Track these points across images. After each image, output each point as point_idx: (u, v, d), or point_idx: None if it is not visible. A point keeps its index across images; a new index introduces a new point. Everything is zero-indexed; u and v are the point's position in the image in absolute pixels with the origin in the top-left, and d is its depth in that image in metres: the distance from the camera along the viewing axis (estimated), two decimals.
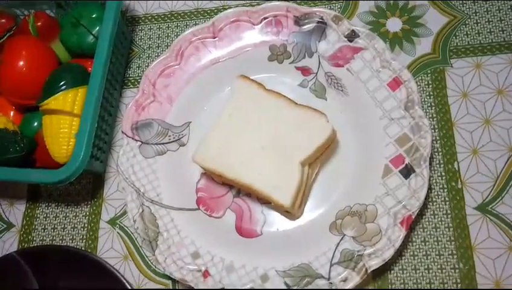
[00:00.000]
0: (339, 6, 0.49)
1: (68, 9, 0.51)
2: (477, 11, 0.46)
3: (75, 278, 0.43)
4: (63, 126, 0.43)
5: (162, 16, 0.53)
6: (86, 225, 0.47)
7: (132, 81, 0.51)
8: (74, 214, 0.48)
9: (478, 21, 0.46)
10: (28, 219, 0.49)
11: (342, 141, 0.42)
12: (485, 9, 0.46)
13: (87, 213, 0.47)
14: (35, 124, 0.47)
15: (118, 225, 0.46)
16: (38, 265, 0.44)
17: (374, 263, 0.37)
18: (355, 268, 0.37)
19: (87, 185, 0.48)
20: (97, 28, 0.47)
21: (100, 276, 0.42)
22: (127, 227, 0.46)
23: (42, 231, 0.48)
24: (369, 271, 0.37)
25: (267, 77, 0.46)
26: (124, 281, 0.42)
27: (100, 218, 0.47)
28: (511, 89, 0.43)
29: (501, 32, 0.45)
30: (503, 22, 0.45)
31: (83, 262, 0.43)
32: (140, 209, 0.43)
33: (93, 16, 0.48)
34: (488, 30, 0.45)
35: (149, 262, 0.44)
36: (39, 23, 0.47)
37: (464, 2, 0.47)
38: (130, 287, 0.42)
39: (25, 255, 0.45)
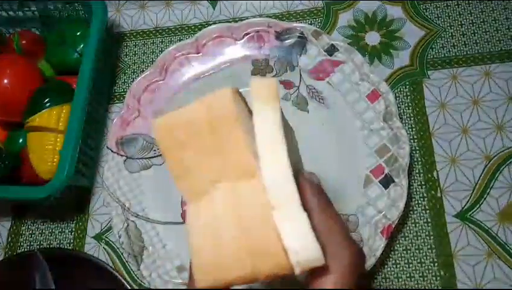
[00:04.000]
0: (319, 20, 0.51)
1: (53, 27, 0.51)
2: (451, 24, 0.48)
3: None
4: (47, 143, 0.43)
5: (147, 32, 0.54)
6: (72, 241, 0.47)
7: (118, 96, 0.52)
8: (60, 230, 0.48)
9: (453, 34, 0.47)
10: (13, 236, 0.49)
11: (324, 153, 0.43)
12: (459, 23, 0.48)
13: (73, 229, 0.47)
14: (20, 141, 0.47)
15: (103, 240, 0.46)
16: (58, 266, 0.44)
17: None
18: None
19: (73, 200, 0.48)
20: (82, 45, 0.48)
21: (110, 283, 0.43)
22: (112, 242, 0.46)
23: (28, 247, 0.48)
24: None
25: (250, 90, 0.47)
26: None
27: (86, 233, 0.47)
28: (486, 99, 0.44)
29: (475, 45, 0.46)
30: (476, 35, 0.47)
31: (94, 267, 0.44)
32: (126, 224, 0.43)
33: (78, 33, 0.48)
34: (463, 43, 0.47)
35: (135, 276, 0.44)
36: (24, 41, 0.48)
37: (439, 15, 0.48)
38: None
39: (46, 254, 0.44)
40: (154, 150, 0.47)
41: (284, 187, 0.20)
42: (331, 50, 0.45)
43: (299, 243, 0.19)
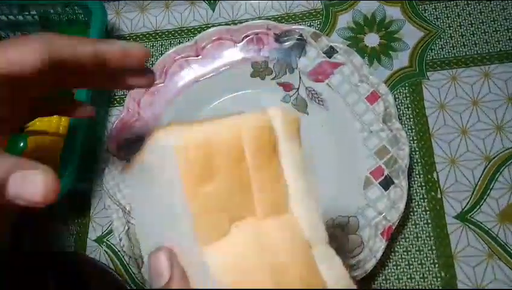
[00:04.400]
0: (318, 22, 0.51)
1: (53, 31, 0.51)
2: (450, 25, 0.48)
3: None
4: (48, 147, 0.44)
5: (147, 35, 0.54)
6: (74, 244, 0.47)
7: (118, 99, 0.52)
8: (61, 233, 0.48)
9: (452, 35, 0.47)
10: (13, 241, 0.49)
11: (323, 154, 0.43)
12: (458, 24, 0.48)
13: (74, 232, 0.48)
14: (21, 144, 0.47)
15: (104, 243, 0.47)
16: (60, 269, 0.44)
17: (356, 274, 0.38)
18: None
19: (74, 204, 0.49)
20: None
21: None
22: (113, 245, 0.46)
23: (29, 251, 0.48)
24: None
25: (251, 93, 0.47)
26: None
27: (87, 236, 0.47)
28: (485, 100, 0.44)
29: (474, 46, 0.46)
30: (475, 35, 0.47)
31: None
32: (126, 227, 0.43)
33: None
34: (462, 44, 0.47)
35: (136, 279, 0.45)
36: None
37: (438, 16, 0.48)
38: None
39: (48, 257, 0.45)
40: None
41: (317, 225, 0.19)
42: (330, 52, 0.45)
43: (340, 283, 0.19)
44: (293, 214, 0.19)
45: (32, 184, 0.17)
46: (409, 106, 0.46)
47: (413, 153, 0.44)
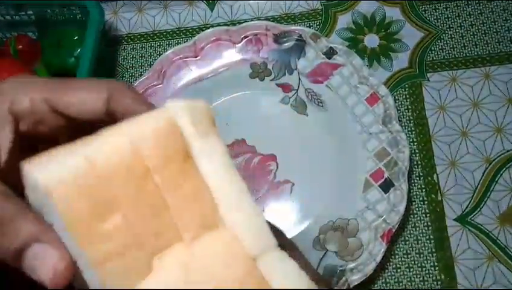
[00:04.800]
0: (317, 23, 0.50)
1: (50, 31, 0.51)
2: (451, 26, 0.47)
3: None
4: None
5: (145, 36, 0.54)
6: None
7: None
8: None
9: (452, 36, 0.47)
10: None
11: (323, 156, 0.43)
12: (458, 25, 0.47)
13: None
14: None
15: None
16: None
17: (356, 278, 0.37)
18: (337, 283, 0.38)
19: None
20: (79, 49, 0.47)
21: None
22: None
23: None
24: (351, 286, 0.37)
25: (249, 94, 0.47)
26: None
27: None
28: (485, 101, 0.44)
29: (474, 47, 0.46)
30: (475, 36, 0.46)
31: None
32: None
33: (75, 37, 0.48)
34: (462, 45, 0.46)
35: None
36: (20, 46, 0.47)
37: (438, 17, 0.48)
38: None
39: None
40: None
41: (261, 230, 0.16)
42: (330, 53, 0.45)
43: (297, 285, 0.16)
44: (225, 227, 0.16)
45: (44, 265, 0.15)
46: (409, 107, 0.45)
47: (413, 155, 0.43)
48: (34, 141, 0.19)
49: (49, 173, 0.14)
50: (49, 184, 0.14)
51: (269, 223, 0.17)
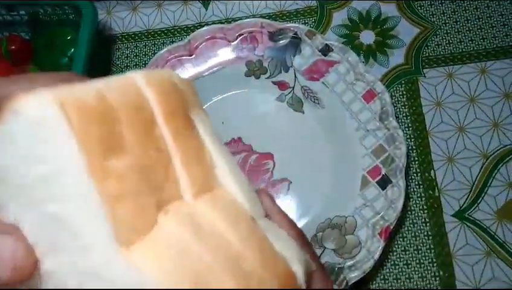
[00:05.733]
0: (313, 20, 0.50)
1: (42, 31, 0.50)
2: (446, 21, 0.47)
3: None
4: None
5: (139, 35, 0.53)
6: None
7: None
8: None
9: (448, 31, 0.47)
10: None
11: (320, 154, 0.43)
12: (454, 20, 0.47)
13: None
14: None
15: None
16: None
17: (354, 275, 0.37)
18: (336, 281, 0.37)
19: None
20: (72, 49, 0.47)
21: None
22: None
23: None
24: (350, 283, 0.37)
25: (245, 92, 0.47)
26: None
27: None
28: (482, 96, 0.44)
29: (470, 42, 0.46)
30: (471, 32, 0.46)
31: None
32: None
33: (68, 37, 0.48)
34: (458, 40, 0.46)
35: None
36: (12, 47, 0.47)
37: (434, 13, 0.48)
38: None
39: None
40: None
41: (254, 199, 0.16)
42: (326, 50, 0.45)
43: (295, 257, 0.15)
44: (224, 189, 0.15)
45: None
46: (406, 103, 0.45)
47: (410, 151, 0.43)
48: None
49: (58, 93, 0.13)
50: (63, 100, 0.12)
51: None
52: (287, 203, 0.42)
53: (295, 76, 0.46)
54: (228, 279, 0.13)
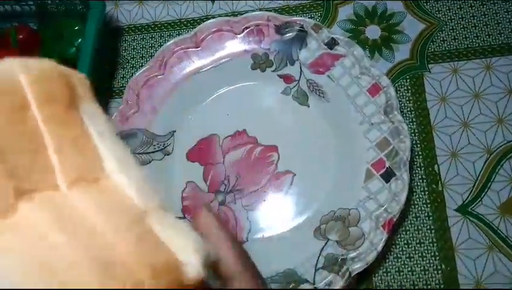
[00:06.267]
0: (319, 14, 0.50)
1: (50, 22, 0.51)
2: (452, 17, 0.47)
3: None
4: None
5: (146, 27, 0.54)
6: None
7: (117, 92, 0.52)
8: None
9: (454, 27, 0.47)
10: None
11: (324, 147, 0.43)
12: (460, 16, 0.47)
13: None
14: None
15: None
16: None
17: (357, 267, 0.37)
18: (339, 272, 0.38)
19: None
20: (79, 40, 0.47)
21: None
22: None
23: None
24: (352, 275, 0.37)
25: (251, 85, 0.47)
26: None
27: None
28: (487, 92, 0.44)
29: (475, 38, 0.46)
30: (477, 28, 0.46)
31: None
32: None
33: (76, 28, 0.48)
34: (464, 36, 0.46)
35: None
36: (21, 36, 0.47)
37: (440, 9, 0.48)
38: None
39: None
40: (154, 145, 0.46)
41: (148, 192, 0.15)
42: (331, 43, 0.45)
43: (184, 242, 0.15)
44: (108, 180, 0.15)
45: None
46: (410, 98, 0.45)
47: (415, 145, 0.43)
48: None
49: None
50: None
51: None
52: (291, 196, 0.42)
53: (301, 69, 0.46)
54: (88, 270, 0.12)
